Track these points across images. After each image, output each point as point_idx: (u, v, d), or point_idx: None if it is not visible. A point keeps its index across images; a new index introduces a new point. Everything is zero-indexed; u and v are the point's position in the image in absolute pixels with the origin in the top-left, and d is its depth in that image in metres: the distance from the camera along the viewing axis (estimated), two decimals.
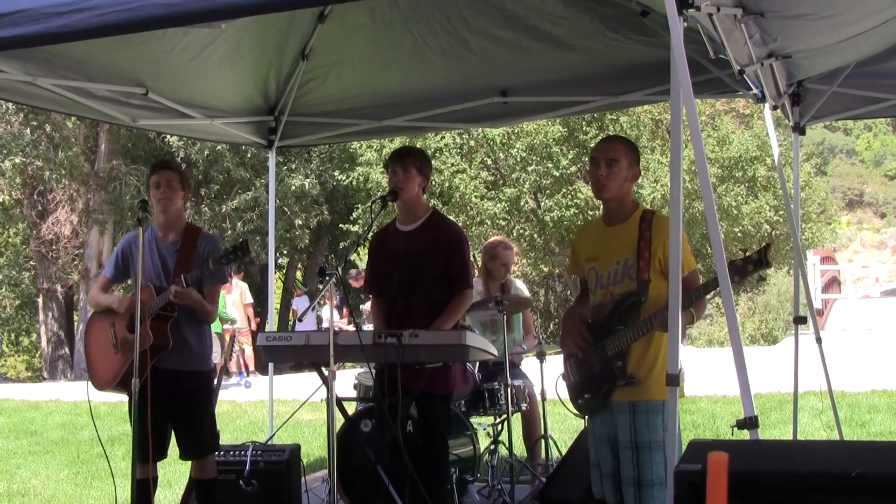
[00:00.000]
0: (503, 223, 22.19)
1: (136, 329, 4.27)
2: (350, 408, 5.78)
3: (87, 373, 4.80)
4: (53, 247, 21.12)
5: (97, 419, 9.82)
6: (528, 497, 5.59)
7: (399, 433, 4.39)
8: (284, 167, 20.59)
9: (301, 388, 11.06)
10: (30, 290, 23.14)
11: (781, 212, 22.60)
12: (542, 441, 6.03)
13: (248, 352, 15.24)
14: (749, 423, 2.76)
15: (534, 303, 21.59)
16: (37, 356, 26.85)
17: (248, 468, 5.15)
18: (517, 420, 6.16)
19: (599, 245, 3.88)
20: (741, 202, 22.83)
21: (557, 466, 5.09)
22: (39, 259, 21.54)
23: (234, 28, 5.14)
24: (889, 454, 2.51)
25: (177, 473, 6.67)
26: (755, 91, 4.91)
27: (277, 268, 24.93)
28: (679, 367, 2.92)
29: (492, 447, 5.82)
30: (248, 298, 15.61)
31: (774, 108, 5.36)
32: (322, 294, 4.42)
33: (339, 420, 4.85)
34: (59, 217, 20.97)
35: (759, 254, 3.40)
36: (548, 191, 22.32)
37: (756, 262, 3.40)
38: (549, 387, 5.52)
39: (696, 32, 3.71)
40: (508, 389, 5.57)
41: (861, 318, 20.00)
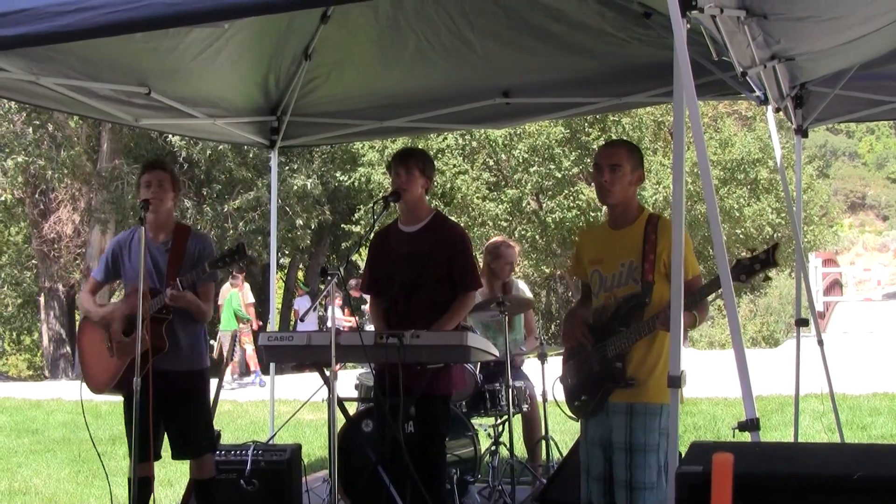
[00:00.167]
0: (505, 224, 22.18)
1: (139, 329, 4.27)
2: (351, 408, 5.78)
3: (82, 376, 4.78)
4: (55, 246, 21.14)
5: (98, 418, 9.91)
6: (529, 498, 5.59)
7: (400, 434, 4.39)
8: (286, 167, 20.60)
9: (302, 389, 11.07)
10: (31, 289, 23.15)
11: (783, 214, 22.59)
12: (543, 442, 6.04)
13: (250, 351, 15.26)
14: (751, 426, 2.76)
15: (535, 304, 21.54)
16: (38, 355, 26.86)
17: (249, 468, 5.16)
18: (518, 421, 6.16)
19: (604, 248, 3.87)
20: (743, 204, 22.79)
21: (558, 468, 5.09)
22: (41, 258, 21.56)
23: (238, 28, 5.14)
24: (890, 457, 2.51)
25: (177, 472, 6.67)
26: (758, 93, 4.90)
27: (279, 268, 24.94)
28: (682, 370, 2.91)
29: (493, 448, 5.82)
30: (250, 298, 15.64)
31: (777, 111, 5.35)
32: (324, 294, 4.40)
33: (341, 420, 4.86)
34: (61, 216, 21.00)
35: (767, 253, 3.40)
36: (550, 192, 22.31)
37: (763, 262, 3.39)
38: (550, 388, 5.54)
39: (700, 34, 3.71)
40: (509, 390, 5.57)
41: (863, 321, 20.00)
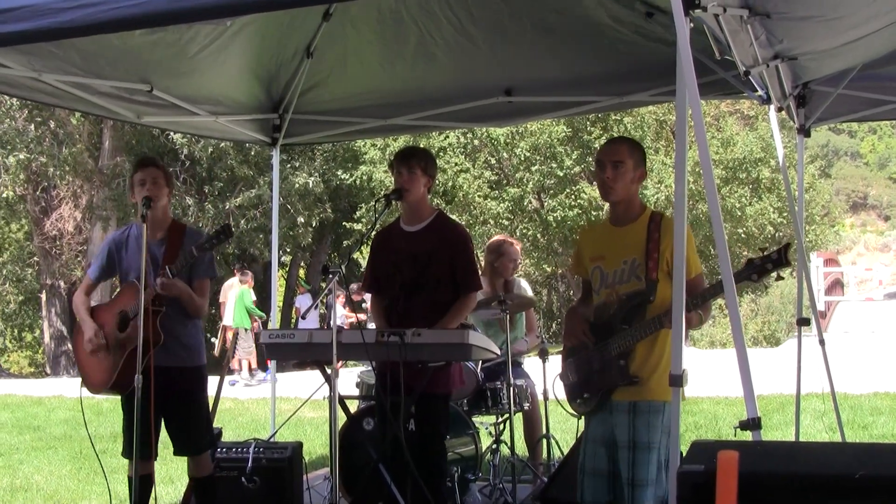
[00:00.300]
0: (506, 223, 22.19)
1: (140, 324, 4.27)
2: (352, 406, 5.78)
3: (80, 377, 4.77)
4: (57, 243, 21.16)
5: (100, 415, 9.91)
6: (530, 496, 5.59)
7: (401, 432, 4.38)
8: (288, 165, 20.61)
9: (303, 386, 11.07)
10: (33, 286, 23.18)
11: (785, 213, 22.58)
12: (544, 440, 6.04)
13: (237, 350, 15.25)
14: (752, 425, 2.75)
15: (537, 303, 21.54)
16: (40, 352, 26.89)
17: (251, 465, 5.15)
18: (519, 419, 6.16)
19: (606, 245, 3.85)
20: (745, 204, 22.79)
21: (559, 466, 5.08)
22: (43, 255, 21.58)
23: (240, 25, 5.13)
24: (891, 456, 2.51)
25: (178, 470, 6.67)
26: (760, 92, 4.90)
27: (280, 266, 24.95)
28: (683, 369, 2.91)
29: (493, 446, 5.82)
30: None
31: (779, 110, 5.35)
32: (325, 292, 4.40)
33: (342, 418, 4.85)
34: (63, 213, 21.02)
35: (779, 252, 3.39)
36: (551, 191, 22.31)
37: (776, 262, 3.37)
38: (551, 386, 5.53)
39: (702, 33, 3.71)
40: (511, 389, 5.57)
41: (864, 321, 19.99)
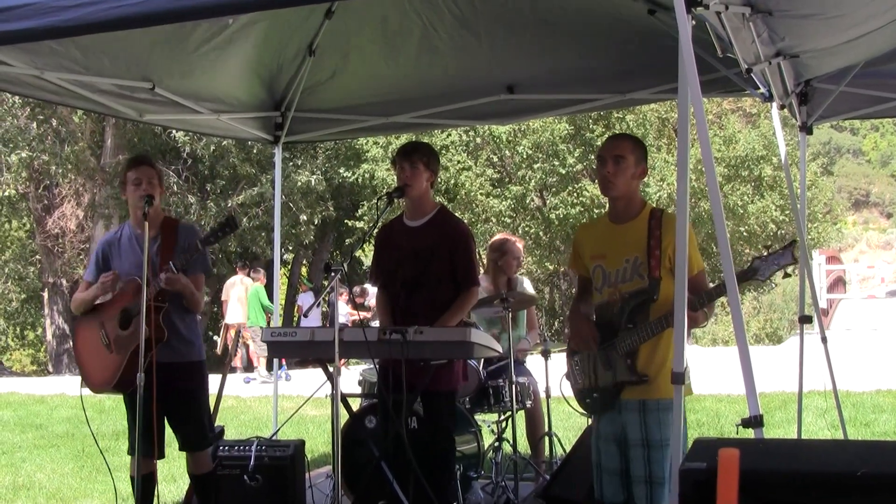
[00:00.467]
0: (509, 221, 22.17)
1: (142, 322, 4.27)
2: (355, 404, 5.78)
3: (81, 377, 4.76)
4: (59, 241, 21.18)
5: (102, 413, 9.93)
6: (532, 494, 5.59)
7: (403, 429, 4.39)
8: (290, 163, 20.60)
9: (306, 384, 11.08)
10: (35, 285, 23.21)
11: (787, 211, 22.56)
12: (546, 438, 6.04)
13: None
14: (754, 422, 2.76)
15: (539, 301, 21.58)
16: (42, 350, 26.94)
17: (253, 463, 5.15)
18: (521, 417, 6.16)
19: (606, 243, 3.85)
20: (747, 201, 22.78)
21: (561, 464, 5.08)
22: (45, 253, 21.60)
23: (241, 23, 5.13)
24: (894, 454, 2.51)
25: (181, 468, 6.67)
26: (762, 90, 4.89)
27: (282, 264, 24.94)
28: (685, 366, 2.92)
29: (496, 444, 5.82)
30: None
31: (781, 108, 5.34)
32: (327, 290, 4.40)
33: (344, 416, 4.86)
34: (65, 211, 21.04)
35: (785, 249, 3.40)
36: (553, 189, 22.30)
37: (782, 258, 3.40)
38: (554, 384, 5.54)
39: (704, 31, 3.70)
40: (513, 387, 5.57)
41: (866, 318, 19.96)
